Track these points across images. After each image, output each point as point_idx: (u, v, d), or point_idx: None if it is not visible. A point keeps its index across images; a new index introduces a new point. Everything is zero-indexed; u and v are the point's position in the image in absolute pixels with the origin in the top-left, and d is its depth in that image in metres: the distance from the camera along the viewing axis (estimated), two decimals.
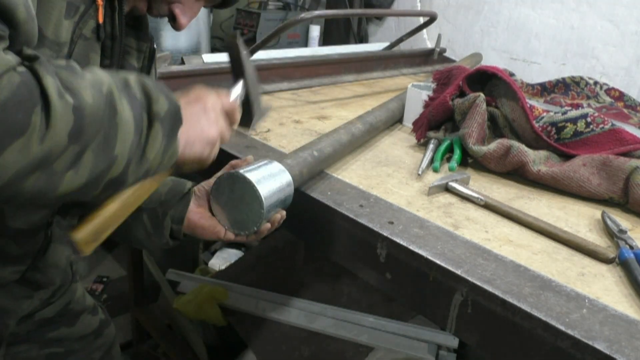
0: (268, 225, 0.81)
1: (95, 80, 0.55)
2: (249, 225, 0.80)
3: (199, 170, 0.77)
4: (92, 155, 0.54)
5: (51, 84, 0.49)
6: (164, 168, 0.67)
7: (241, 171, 0.78)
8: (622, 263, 0.77)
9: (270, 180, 0.80)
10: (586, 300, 0.67)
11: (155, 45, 0.94)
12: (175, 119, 0.64)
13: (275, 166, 0.83)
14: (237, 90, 0.82)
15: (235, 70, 0.82)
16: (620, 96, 1.63)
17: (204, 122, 0.71)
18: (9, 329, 0.89)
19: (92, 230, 0.66)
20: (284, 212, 0.85)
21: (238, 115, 0.79)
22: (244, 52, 0.81)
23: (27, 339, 0.98)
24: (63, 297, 1.03)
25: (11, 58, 0.48)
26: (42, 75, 0.49)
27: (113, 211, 0.68)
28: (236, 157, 1.02)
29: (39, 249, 0.85)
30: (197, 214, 0.86)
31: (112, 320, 1.18)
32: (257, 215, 0.78)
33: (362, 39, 2.84)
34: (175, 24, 0.86)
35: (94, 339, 1.09)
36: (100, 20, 0.72)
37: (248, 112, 0.83)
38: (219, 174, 0.88)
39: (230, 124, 0.77)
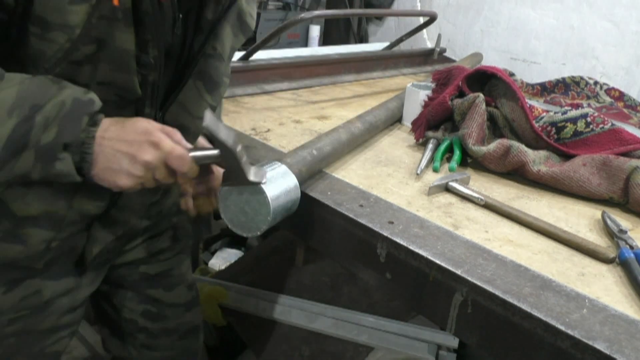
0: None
1: None
2: (252, 229, 0.80)
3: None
4: None
5: None
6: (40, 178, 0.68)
7: (252, 177, 0.76)
8: (622, 263, 0.77)
9: (278, 185, 0.79)
10: (586, 300, 0.67)
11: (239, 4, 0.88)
12: (53, 152, 0.65)
13: (284, 170, 0.83)
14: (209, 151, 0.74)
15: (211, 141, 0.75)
16: (620, 96, 1.63)
17: (123, 169, 0.69)
18: (136, 224, 0.94)
19: None
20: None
21: (180, 158, 0.71)
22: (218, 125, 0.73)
23: (131, 288, 1.05)
24: (168, 262, 1.09)
25: None
26: None
27: None
28: None
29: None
30: None
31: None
32: (262, 221, 0.78)
33: (362, 39, 2.84)
34: None
35: (184, 311, 1.13)
36: (116, 2, 0.68)
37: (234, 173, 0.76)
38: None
39: (174, 167, 0.71)
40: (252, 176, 0.74)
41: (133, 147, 0.69)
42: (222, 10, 0.85)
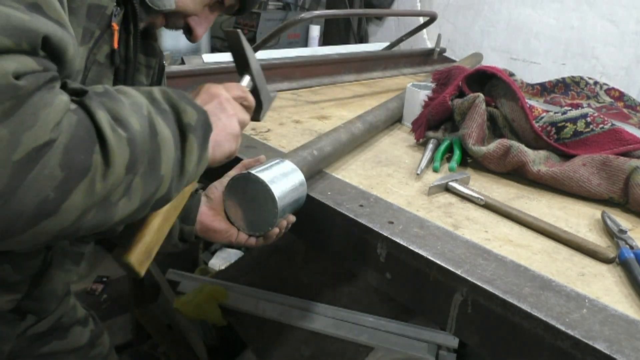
0: (277, 230, 0.82)
1: (134, 104, 0.55)
2: (263, 226, 0.80)
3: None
4: (141, 180, 0.53)
5: (104, 119, 0.49)
6: (199, 174, 0.66)
7: (254, 172, 0.78)
8: (622, 263, 0.77)
9: (283, 180, 0.79)
10: (586, 300, 0.67)
11: (165, 62, 0.93)
12: (206, 127, 0.64)
13: (289, 165, 0.83)
14: (245, 82, 0.81)
15: (240, 64, 0.81)
16: (620, 96, 1.63)
17: (224, 118, 0.70)
18: (4, 355, 0.86)
19: (143, 250, 0.65)
20: (293, 218, 0.85)
21: (252, 99, 0.79)
22: (246, 45, 0.81)
23: (20, 355, 0.94)
24: (55, 313, 1.00)
25: (65, 98, 0.47)
26: (94, 111, 0.49)
27: (158, 225, 0.67)
28: (237, 158, 1.02)
29: (35, 274, 0.81)
30: (210, 216, 0.85)
31: (113, 319, 1.16)
32: (271, 215, 0.78)
33: (362, 39, 2.84)
34: (192, 37, 0.86)
35: (89, 349, 1.06)
36: (116, 45, 0.71)
37: (257, 103, 0.83)
38: (231, 172, 0.87)
39: (247, 109, 0.78)
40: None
41: (210, 102, 0.70)
42: (154, 75, 0.87)
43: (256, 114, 0.83)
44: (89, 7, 0.66)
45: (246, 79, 0.81)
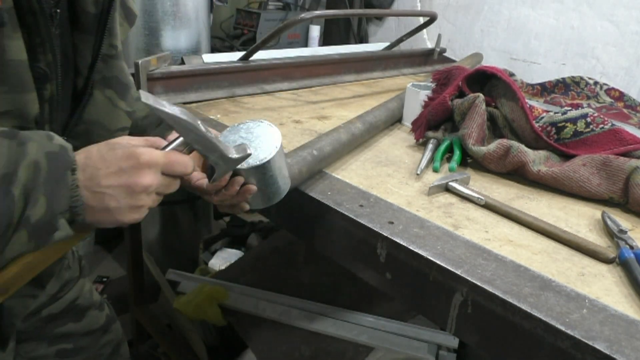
0: (228, 178, 0.71)
1: None
2: (241, 157, 0.68)
3: None
4: None
5: None
6: (37, 249, 0.59)
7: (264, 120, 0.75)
8: (622, 263, 0.77)
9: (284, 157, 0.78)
10: (586, 300, 0.67)
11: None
12: (47, 227, 0.56)
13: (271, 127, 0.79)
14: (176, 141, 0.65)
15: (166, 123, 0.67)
16: (620, 96, 1.63)
17: (124, 206, 0.59)
18: (15, 328, 0.88)
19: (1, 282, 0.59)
20: (254, 188, 0.73)
21: (187, 169, 0.64)
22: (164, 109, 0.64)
23: (35, 336, 0.97)
24: (70, 293, 1.02)
25: None
26: None
27: (15, 271, 0.60)
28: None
29: None
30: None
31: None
32: (267, 150, 0.71)
33: (362, 39, 2.84)
34: None
35: (102, 334, 1.08)
36: (0, 2, 0.58)
37: (210, 166, 0.70)
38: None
39: (177, 175, 0.64)
40: (233, 153, 0.65)
41: (124, 176, 0.58)
42: (105, 1, 0.74)
43: (210, 175, 0.70)
44: None
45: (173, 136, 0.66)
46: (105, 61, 0.77)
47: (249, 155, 0.68)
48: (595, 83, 1.67)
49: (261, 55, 1.62)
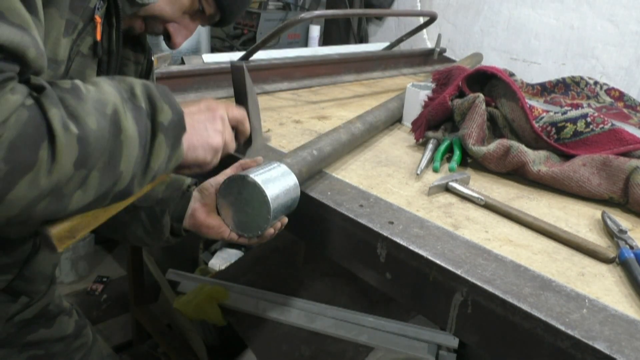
0: (271, 230, 0.82)
1: (99, 101, 0.56)
2: (254, 229, 0.81)
3: (200, 173, 0.77)
4: (98, 174, 0.56)
5: (56, 116, 0.51)
6: (167, 172, 0.68)
7: (252, 175, 0.78)
8: (622, 263, 0.77)
9: (279, 185, 0.80)
10: (586, 300, 0.67)
11: (152, 57, 0.94)
12: (178, 128, 0.65)
13: (283, 169, 0.83)
14: None
15: (239, 98, 0.82)
16: (620, 96, 1.63)
17: (210, 129, 0.72)
18: None
19: (68, 227, 0.64)
20: (286, 219, 0.86)
21: (248, 126, 0.81)
22: (248, 81, 0.81)
23: (7, 343, 0.96)
24: (43, 299, 1.02)
25: (18, 96, 0.49)
26: (48, 108, 0.51)
27: (93, 211, 0.66)
28: (236, 157, 1.02)
29: (26, 258, 0.84)
30: (204, 212, 0.87)
31: (113, 319, 1.17)
32: (263, 219, 0.79)
33: (362, 39, 2.84)
34: (170, 43, 0.87)
35: (73, 340, 1.08)
36: (98, 37, 0.73)
37: (247, 138, 0.84)
38: (227, 171, 0.88)
39: (239, 134, 0.80)
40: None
41: (206, 111, 0.73)
42: (143, 71, 0.89)
43: (243, 147, 0.84)
44: (72, 1, 0.68)
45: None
46: None
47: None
48: (595, 83, 1.67)
49: (261, 55, 1.62)
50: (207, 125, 0.72)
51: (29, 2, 0.54)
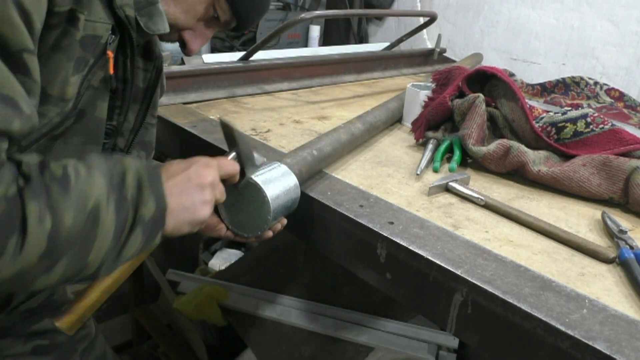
0: (270, 233, 0.83)
1: (83, 195, 0.57)
2: (254, 229, 0.81)
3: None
4: (65, 263, 0.56)
5: (33, 211, 0.52)
6: (145, 255, 0.70)
7: (252, 175, 0.78)
8: (622, 263, 0.77)
9: (279, 185, 0.80)
10: (586, 301, 0.67)
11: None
12: (158, 224, 0.65)
13: (283, 169, 0.83)
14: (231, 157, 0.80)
15: (230, 143, 0.80)
16: (620, 96, 1.63)
17: (198, 202, 0.69)
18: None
19: (76, 319, 0.69)
20: (285, 220, 0.86)
21: (237, 177, 0.78)
22: (237, 131, 0.78)
23: (11, 332, 0.97)
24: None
25: (2, 187, 0.50)
26: (28, 202, 0.52)
27: (95, 298, 0.70)
28: None
29: None
30: None
31: (113, 319, 1.17)
32: (263, 220, 0.79)
33: (362, 39, 2.84)
34: (186, 50, 0.87)
35: (77, 330, 1.09)
36: (111, 71, 0.73)
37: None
38: None
39: (229, 182, 0.77)
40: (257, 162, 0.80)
41: (192, 178, 0.69)
42: (152, 78, 0.88)
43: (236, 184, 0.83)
44: (82, 39, 0.68)
45: (232, 154, 0.79)
46: (147, 128, 0.91)
47: (263, 162, 0.81)
48: (595, 83, 1.67)
49: (261, 55, 1.62)
50: (194, 198, 0.69)
51: (20, 64, 0.56)
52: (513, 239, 0.83)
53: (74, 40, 0.66)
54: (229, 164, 0.75)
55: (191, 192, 0.69)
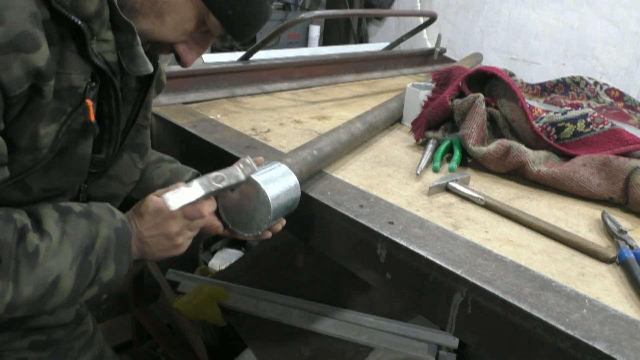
0: (269, 233, 0.83)
1: (47, 271, 0.65)
2: (254, 228, 0.81)
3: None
4: (20, 312, 0.65)
5: None
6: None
7: (252, 175, 0.78)
8: (622, 263, 0.77)
9: (279, 185, 0.80)
10: (586, 301, 0.67)
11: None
12: (114, 285, 0.74)
13: (284, 169, 0.83)
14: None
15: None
16: (620, 96, 1.63)
17: (168, 247, 0.78)
18: None
19: None
20: (284, 221, 0.86)
21: (215, 224, 0.83)
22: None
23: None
24: None
25: None
26: None
27: None
28: (235, 157, 1.02)
29: None
30: None
31: (113, 319, 1.17)
32: (263, 219, 0.79)
33: (362, 39, 2.84)
34: (181, 63, 0.84)
35: (75, 326, 1.09)
36: (92, 118, 0.73)
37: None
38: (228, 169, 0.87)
39: (195, 218, 0.79)
40: (242, 176, 0.79)
41: (159, 228, 0.77)
42: (146, 78, 0.86)
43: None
44: (57, 92, 0.67)
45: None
46: (138, 130, 0.89)
47: (252, 171, 0.79)
48: (595, 83, 1.67)
49: (261, 55, 1.62)
50: (165, 245, 0.78)
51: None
52: (513, 239, 0.83)
53: (41, 105, 0.65)
54: (191, 208, 0.77)
55: (159, 241, 0.78)
